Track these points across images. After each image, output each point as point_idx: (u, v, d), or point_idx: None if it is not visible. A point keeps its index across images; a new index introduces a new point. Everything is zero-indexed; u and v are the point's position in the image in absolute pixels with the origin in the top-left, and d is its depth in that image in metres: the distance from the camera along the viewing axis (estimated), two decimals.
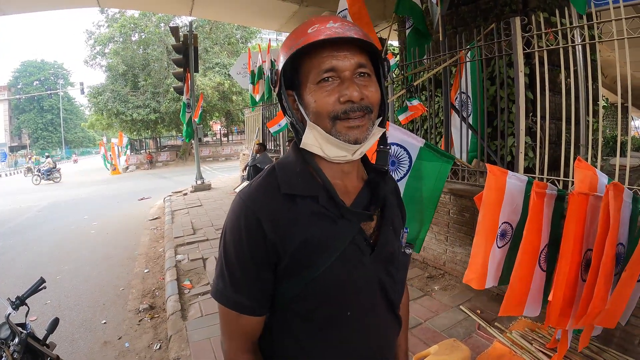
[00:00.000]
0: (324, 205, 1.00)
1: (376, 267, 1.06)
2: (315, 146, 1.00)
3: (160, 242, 8.01)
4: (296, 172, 1.04)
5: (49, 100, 55.18)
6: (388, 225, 1.11)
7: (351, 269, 1.01)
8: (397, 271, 1.12)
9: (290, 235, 0.97)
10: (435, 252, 5.20)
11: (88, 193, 16.89)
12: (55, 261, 7.19)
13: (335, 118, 0.96)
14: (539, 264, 2.85)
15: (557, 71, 3.75)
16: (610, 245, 2.27)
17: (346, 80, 0.95)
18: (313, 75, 0.96)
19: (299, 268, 0.98)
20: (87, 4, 10.88)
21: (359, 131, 0.97)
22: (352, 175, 1.09)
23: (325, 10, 10.30)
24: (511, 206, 2.95)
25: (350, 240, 1.01)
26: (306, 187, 1.01)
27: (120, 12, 28.75)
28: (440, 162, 3.38)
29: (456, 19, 6.32)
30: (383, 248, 1.07)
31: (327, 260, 0.98)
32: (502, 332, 3.53)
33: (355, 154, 1.01)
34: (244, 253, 0.98)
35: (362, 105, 0.95)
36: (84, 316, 4.87)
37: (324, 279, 0.98)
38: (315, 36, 0.92)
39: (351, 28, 0.95)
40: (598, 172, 2.64)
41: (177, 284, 5.33)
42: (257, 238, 0.97)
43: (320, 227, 0.99)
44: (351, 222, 1.02)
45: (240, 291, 1.00)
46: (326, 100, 0.95)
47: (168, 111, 28.68)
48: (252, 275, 0.99)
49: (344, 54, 0.95)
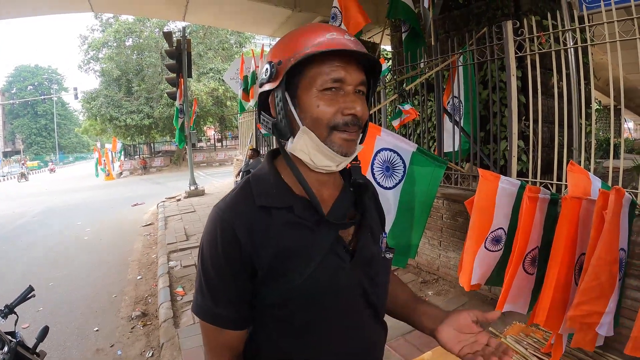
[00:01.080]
0: (299, 215, 1.00)
1: (356, 272, 1.05)
2: (303, 152, 0.99)
3: (153, 248, 7.98)
4: (270, 183, 1.03)
5: (42, 105, 54.92)
6: (366, 231, 1.10)
7: (331, 276, 1.00)
8: (377, 275, 1.11)
9: (266, 246, 0.96)
10: (428, 257, 5.18)
11: (82, 198, 16.83)
12: (49, 267, 7.15)
13: (333, 128, 0.96)
14: (522, 265, 2.84)
15: (550, 74, 3.75)
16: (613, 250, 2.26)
17: (349, 94, 0.96)
18: (320, 81, 0.95)
19: (277, 277, 0.97)
20: (80, 9, 10.84)
21: (351, 145, 0.99)
22: (329, 184, 1.09)
23: (318, 16, 10.35)
24: (503, 211, 2.94)
25: (329, 249, 1.00)
26: (281, 199, 1.01)
27: (114, 17, 28.72)
28: (433, 167, 3.35)
29: (448, 23, 6.32)
30: (362, 254, 1.06)
31: (306, 270, 0.97)
32: (497, 337, 3.50)
33: (339, 166, 1.02)
34: (221, 265, 0.97)
35: (360, 121, 0.98)
36: (76, 323, 4.83)
37: (304, 287, 0.97)
38: (335, 44, 0.92)
39: (361, 46, 0.96)
40: (591, 176, 2.64)
41: (169, 290, 5.30)
42: (233, 249, 0.96)
43: (297, 236, 0.98)
44: (329, 231, 1.01)
45: (220, 304, 0.99)
46: (328, 109, 0.95)
47: (162, 116, 28.69)
48: (231, 287, 0.98)
49: (353, 68, 0.96)
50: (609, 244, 2.31)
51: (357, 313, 1.07)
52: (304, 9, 10.18)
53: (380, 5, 9.56)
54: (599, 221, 2.33)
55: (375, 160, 3.34)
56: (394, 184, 3.42)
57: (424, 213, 3.42)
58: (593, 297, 2.37)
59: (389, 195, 3.37)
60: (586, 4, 3.66)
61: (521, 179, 3.41)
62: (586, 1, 3.71)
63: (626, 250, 2.57)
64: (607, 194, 2.34)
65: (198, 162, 31.62)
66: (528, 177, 3.77)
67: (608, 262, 2.33)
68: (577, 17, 3.43)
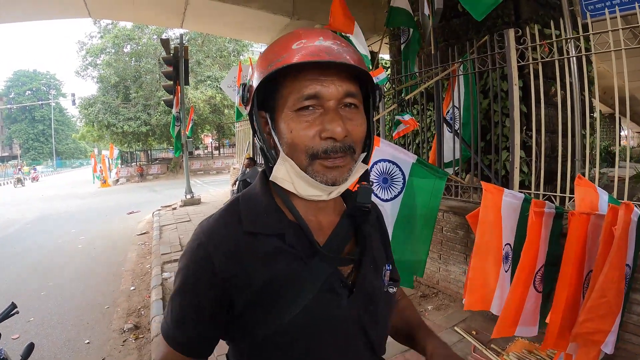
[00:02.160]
0: (291, 244, 0.88)
1: (355, 308, 0.92)
2: (287, 181, 0.88)
3: (147, 258, 7.87)
4: (262, 207, 0.92)
5: (40, 110, 55.15)
6: (369, 263, 0.98)
7: (325, 314, 0.89)
8: (378, 310, 0.98)
9: (248, 274, 0.86)
10: (428, 270, 5.05)
11: (77, 206, 16.70)
12: (41, 276, 7.03)
13: (314, 156, 0.82)
14: (533, 284, 2.74)
15: (551, 83, 3.68)
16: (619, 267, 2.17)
17: (330, 112, 0.82)
18: (292, 101, 0.82)
19: (261, 312, 0.86)
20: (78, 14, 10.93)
21: (339, 172, 0.85)
22: (328, 210, 0.97)
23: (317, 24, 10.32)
24: (510, 225, 2.85)
25: (324, 283, 0.88)
26: (271, 225, 0.90)
27: (113, 24, 28.73)
28: (434, 179, 3.26)
29: (448, 32, 6.27)
30: (362, 288, 0.94)
31: (296, 306, 0.85)
32: (499, 355, 3.40)
33: (331, 194, 0.89)
34: (189, 288, 0.89)
35: (344, 144, 0.83)
36: (67, 335, 4.72)
37: (294, 325, 0.85)
38: (303, 56, 0.79)
39: (344, 49, 0.82)
40: (598, 189, 2.55)
41: (162, 303, 5.17)
42: (204, 275, 0.87)
43: (286, 267, 0.87)
44: (324, 264, 0.89)
45: (180, 328, 0.90)
46: (305, 133, 0.82)
47: (159, 124, 28.64)
48: (194, 313, 0.89)
49: (331, 79, 0.82)
50: (617, 261, 2.22)
51: (353, 351, 0.95)
52: (302, 17, 10.21)
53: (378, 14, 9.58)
54: (608, 237, 2.24)
55: (372, 171, 3.26)
56: (392, 196, 3.33)
57: (427, 227, 3.31)
58: (600, 314, 2.28)
59: (386, 208, 3.28)
60: (589, 12, 3.60)
61: (523, 191, 3.33)
62: (589, 9, 3.66)
63: (631, 265, 2.48)
64: (616, 209, 2.25)
65: (195, 170, 31.52)
66: (530, 189, 3.69)
67: (617, 280, 2.24)
68: (580, 25, 3.36)
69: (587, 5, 3.72)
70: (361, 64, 0.84)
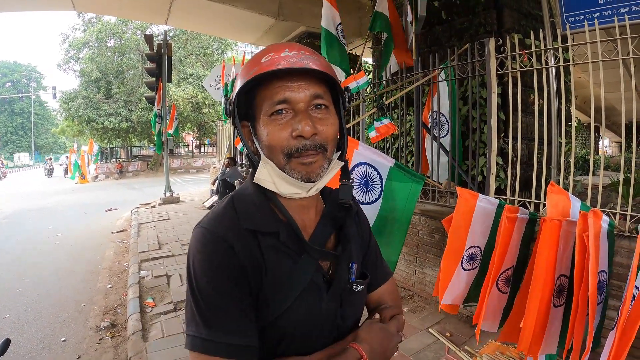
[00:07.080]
0: (285, 242, 0.95)
1: (333, 303, 1.00)
2: (268, 182, 0.96)
3: (125, 256, 7.77)
4: (255, 206, 0.98)
5: (20, 103, 53.80)
6: (346, 260, 1.04)
7: (310, 308, 0.96)
8: (347, 305, 1.04)
9: (255, 271, 0.91)
10: (404, 272, 5.11)
11: (56, 202, 16.39)
12: (17, 273, 6.91)
13: (289, 155, 0.91)
14: (496, 285, 2.81)
15: (529, 92, 3.74)
16: (592, 274, 2.21)
17: (300, 113, 0.91)
18: (266, 107, 0.92)
19: (264, 304, 0.92)
20: (62, 7, 10.81)
21: (312, 168, 0.92)
22: (311, 210, 1.04)
23: (301, 26, 10.37)
24: (480, 229, 2.91)
25: (310, 279, 0.96)
26: (267, 223, 0.96)
27: (97, 17, 28.31)
28: (411, 183, 3.30)
29: (430, 38, 6.34)
30: (339, 283, 1.01)
31: (286, 301, 0.93)
32: (472, 356, 3.47)
33: (310, 191, 0.96)
34: (223, 281, 0.88)
35: (315, 142, 0.91)
36: (43, 333, 4.65)
37: (282, 319, 0.92)
38: (268, 66, 0.88)
39: (308, 57, 0.91)
40: (571, 197, 2.60)
41: (139, 301, 5.12)
42: (232, 262, 0.88)
43: (281, 265, 0.94)
44: (310, 260, 0.96)
45: (231, 331, 0.87)
46: (279, 134, 0.90)
47: (140, 120, 28.29)
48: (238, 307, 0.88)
49: (298, 85, 0.91)
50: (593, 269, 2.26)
51: (321, 344, 1.00)
52: (287, 18, 10.22)
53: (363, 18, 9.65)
54: (582, 244, 2.29)
55: (353, 174, 3.27)
56: (373, 199, 3.35)
57: (401, 230, 3.34)
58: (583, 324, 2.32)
59: (368, 211, 3.30)
60: (570, 23, 3.68)
61: (499, 197, 3.38)
62: (569, 21, 3.74)
63: (607, 272, 2.53)
64: (587, 216, 2.30)
65: (175, 168, 31.26)
66: (506, 194, 3.75)
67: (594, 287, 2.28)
68: (559, 36, 3.43)
69: (568, 17, 3.81)
70: (328, 70, 0.94)
